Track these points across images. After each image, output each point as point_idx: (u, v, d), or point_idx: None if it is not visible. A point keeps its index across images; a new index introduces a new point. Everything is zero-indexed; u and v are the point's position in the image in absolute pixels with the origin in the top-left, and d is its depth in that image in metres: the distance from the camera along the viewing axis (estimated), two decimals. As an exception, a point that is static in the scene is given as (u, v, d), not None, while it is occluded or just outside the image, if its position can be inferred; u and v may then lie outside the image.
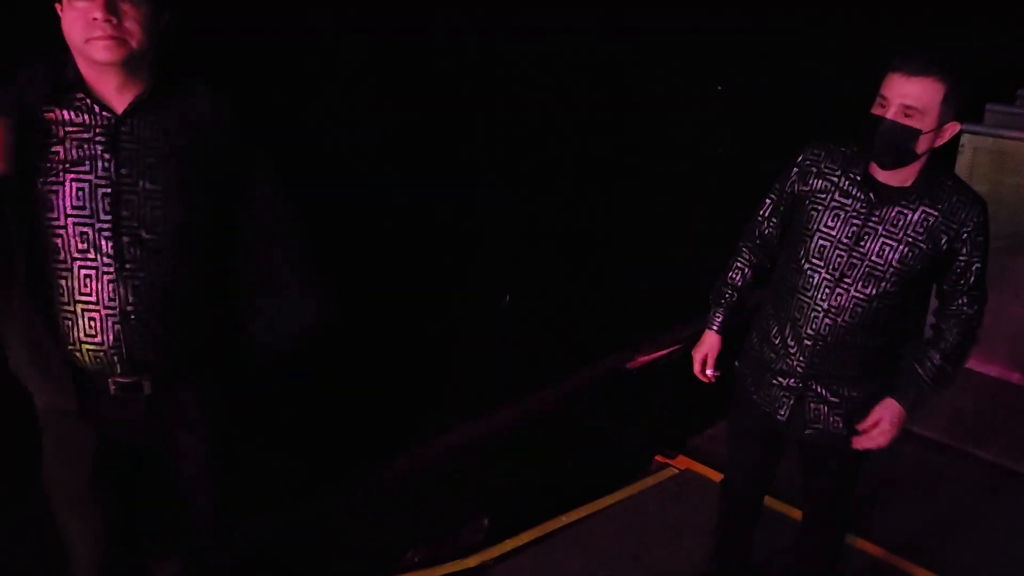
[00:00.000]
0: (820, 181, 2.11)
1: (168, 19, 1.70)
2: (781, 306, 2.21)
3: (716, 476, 3.45)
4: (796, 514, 2.73)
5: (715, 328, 2.39)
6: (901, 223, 2.04)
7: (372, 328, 2.66)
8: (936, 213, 2.03)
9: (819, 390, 2.20)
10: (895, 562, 3.03)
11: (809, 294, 2.13)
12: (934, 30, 4.71)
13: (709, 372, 2.41)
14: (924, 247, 2.03)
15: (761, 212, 2.29)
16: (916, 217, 2.03)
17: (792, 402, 2.22)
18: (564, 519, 3.20)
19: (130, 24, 1.62)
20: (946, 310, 2.16)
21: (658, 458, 3.65)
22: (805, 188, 2.14)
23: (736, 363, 2.40)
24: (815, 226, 2.10)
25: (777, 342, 2.22)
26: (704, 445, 3.70)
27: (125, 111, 1.69)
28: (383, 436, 2.78)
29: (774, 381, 2.25)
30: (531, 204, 2.97)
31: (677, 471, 3.55)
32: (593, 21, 2.94)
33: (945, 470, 3.56)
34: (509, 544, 3.05)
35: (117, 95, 1.69)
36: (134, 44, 1.63)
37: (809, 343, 2.15)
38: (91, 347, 1.72)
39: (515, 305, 3.03)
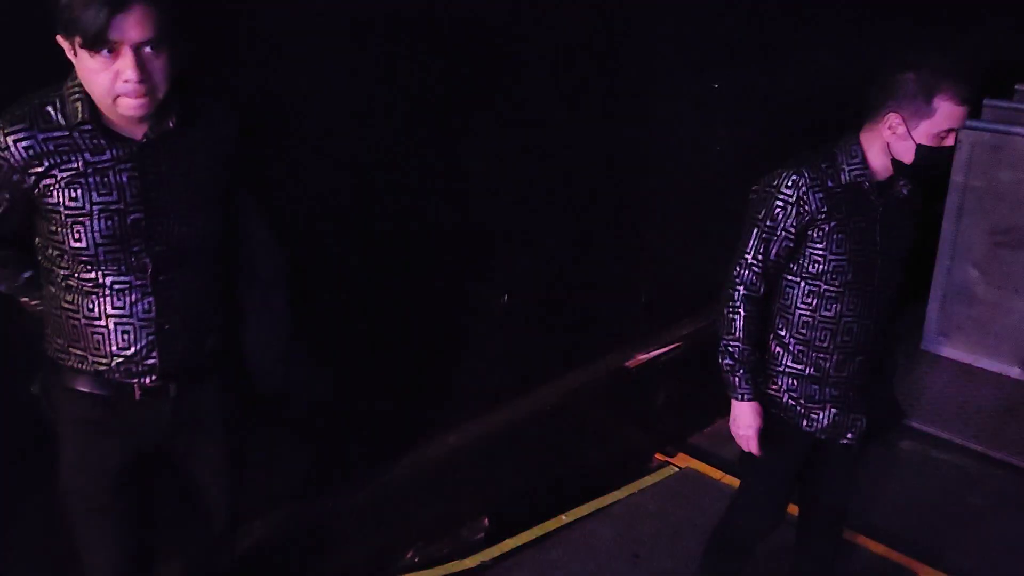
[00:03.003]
0: (832, 203, 2.03)
1: (192, 49, 1.65)
2: (821, 338, 2.13)
3: (716, 474, 3.45)
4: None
5: (751, 396, 2.16)
6: (897, 206, 2.12)
7: (371, 329, 2.65)
8: (907, 182, 2.11)
9: (868, 400, 2.22)
10: (896, 558, 3.03)
11: (856, 312, 2.10)
12: (933, 26, 4.71)
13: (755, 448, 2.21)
14: (913, 219, 2.15)
15: (754, 259, 2.10)
16: (911, 200, 2.13)
17: (862, 424, 2.20)
18: (564, 518, 3.20)
19: (158, 77, 1.57)
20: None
21: (658, 456, 3.65)
22: (820, 216, 2.04)
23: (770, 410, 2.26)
24: (848, 247, 2.05)
25: (819, 373, 2.17)
26: (704, 443, 3.70)
27: (148, 138, 1.66)
28: (382, 436, 2.78)
29: (834, 410, 2.19)
30: (529, 203, 2.97)
31: (677, 469, 3.55)
32: (593, 16, 2.93)
33: (945, 465, 3.56)
34: (508, 544, 3.05)
35: (138, 125, 1.65)
36: (160, 95, 1.59)
37: (862, 358, 2.15)
38: (122, 359, 1.72)
39: (513, 304, 3.02)
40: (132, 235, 1.66)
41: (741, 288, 2.12)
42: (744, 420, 2.18)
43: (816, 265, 2.07)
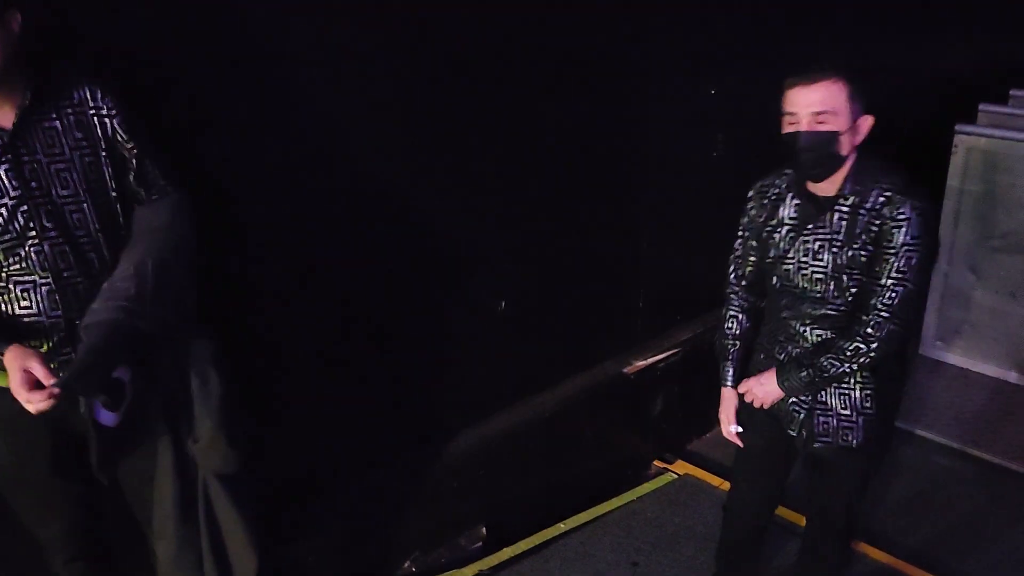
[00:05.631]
0: (769, 210, 2.18)
1: (19, 20, 1.61)
2: (775, 328, 2.26)
3: (715, 481, 3.44)
4: (802, 521, 2.71)
5: (730, 384, 2.36)
6: (843, 228, 2.06)
7: (367, 336, 2.64)
8: (864, 212, 2.03)
9: (826, 402, 2.21)
10: (894, 564, 3.02)
11: (791, 313, 2.18)
12: (927, 32, 4.72)
13: (733, 430, 2.38)
14: (871, 248, 2.03)
15: (735, 254, 2.33)
16: (852, 219, 2.05)
17: (802, 416, 2.23)
18: (562, 526, 3.19)
19: None
20: (857, 317, 2.09)
21: (656, 463, 3.64)
22: (761, 220, 2.20)
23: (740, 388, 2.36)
24: (777, 252, 2.17)
25: (774, 362, 2.25)
26: (703, 450, 3.69)
27: (15, 126, 1.64)
28: (377, 444, 2.77)
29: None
30: (527, 209, 2.96)
31: (676, 476, 3.53)
32: (589, 21, 2.93)
33: (944, 470, 3.55)
34: (506, 553, 3.03)
35: (3, 113, 1.63)
36: None
37: (807, 360, 2.17)
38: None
39: (511, 311, 3.01)
40: (25, 229, 1.66)
41: (730, 279, 2.36)
42: (721, 405, 2.41)
43: (767, 262, 2.21)
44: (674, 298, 3.63)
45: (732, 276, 2.34)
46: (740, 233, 2.29)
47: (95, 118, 1.73)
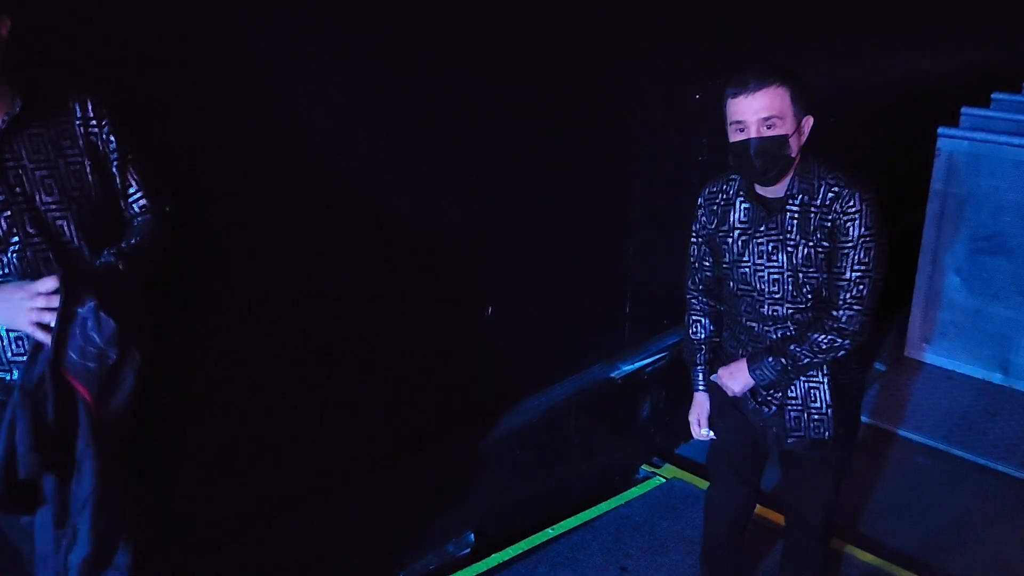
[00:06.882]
0: (720, 215, 2.22)
1: (8, 25, 1.61)
2: (735, 330, 2.30)
3: (703, 485, 3.44)
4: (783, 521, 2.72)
5: (701, 388, 2.43)
6: (795, 227, 2.11)
7: (355, 343, 2.63)
8: (815, 209, 2.08)
9: (796, 397, 2.22)
10: (880, 565, 3.03)
11: (752, 315, 2.22)
12: (911, 38, 4.76)
13: (704, 432, 2.44)
14: (826, 244, 2.08)
15: (691, 261, 2.37)
16: (804, 217, 2.09)
17: (772, 412, 2.26)
18: (551, 532, 3.19)
19: None
20: (827, 311, 2.12)
21: (645, 467, 3.64)
22: (712, 226, 2.25)
23: (712, 377, 2.40)
24: (732, 257, 2.20)
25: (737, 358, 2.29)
26: (691, 454, 3.70)
27: (1, 132, 1.64)
28: (366, 451, 2.76)
29: (748, 395, 2.28)
30: (513, 214, 2.96)
31: (664, 480, 3.54)
32: (571, 29, 2.94)
33: (929, 471, 3.57)
34: (495, 559, 3.03)
35: None
36: None
37: (771, 357, 2.20)
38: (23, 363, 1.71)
39: (498, 316, 3.01)
40: (8, 235, 1.66)
41: (688, 285, 2.41)
42: (692, 408, 2.45)
43: (723, 267, 2.25)
44: (661, 303, 3.64)
45: (690, 282, 2.39)
46: (693, 240, 2.33)
47: (84, 128, 1.73)
